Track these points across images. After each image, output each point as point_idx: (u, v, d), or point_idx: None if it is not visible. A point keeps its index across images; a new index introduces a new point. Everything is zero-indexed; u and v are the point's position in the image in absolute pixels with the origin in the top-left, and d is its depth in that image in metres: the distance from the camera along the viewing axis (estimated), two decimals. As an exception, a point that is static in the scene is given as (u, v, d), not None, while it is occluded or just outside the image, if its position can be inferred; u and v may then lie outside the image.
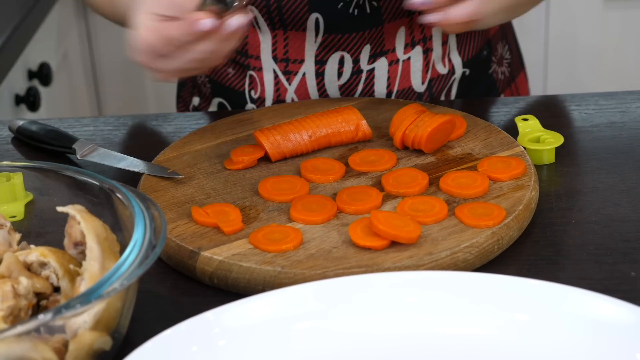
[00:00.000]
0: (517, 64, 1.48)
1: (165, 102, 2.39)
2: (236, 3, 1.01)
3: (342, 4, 1.24)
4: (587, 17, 2.39)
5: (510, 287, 0.83)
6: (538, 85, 2.45)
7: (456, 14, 1.07)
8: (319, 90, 1.30)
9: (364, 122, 1.13)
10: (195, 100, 1.43)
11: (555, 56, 2.43)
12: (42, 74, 1.90)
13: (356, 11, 1.25)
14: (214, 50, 1.05)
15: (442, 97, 1.34)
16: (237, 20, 1.02)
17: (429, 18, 1.09)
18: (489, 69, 1.39)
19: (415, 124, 1.09)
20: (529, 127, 1.15)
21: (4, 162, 1.00)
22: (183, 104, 1.47)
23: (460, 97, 1.36)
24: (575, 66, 2.44)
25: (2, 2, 1.83)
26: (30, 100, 1.80)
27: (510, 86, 1.44)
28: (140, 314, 0.89)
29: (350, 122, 1.12)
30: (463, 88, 1.36)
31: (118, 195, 0.89)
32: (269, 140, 1.10)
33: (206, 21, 1.01)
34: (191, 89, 1.44)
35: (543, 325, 0.80)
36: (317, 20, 1.25)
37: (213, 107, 1.39)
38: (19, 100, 1.80)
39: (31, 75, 1.89)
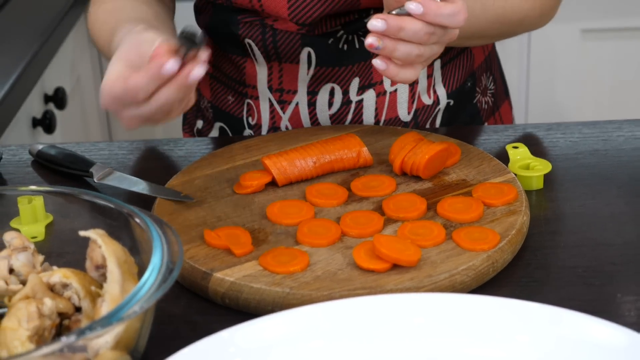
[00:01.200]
0: (502, 93, 1.47)
1: (172, 126, 2.37)
2: (202, 41, 0.97)
3: (332, 39, 1.24)
4: (566, 48, 2.39)
5: (510, 310, 0.82)
6: (520, 111, 2.45)
7: (404, 77, 1.04)
8: (311, 119, 1.29)
9: (365, 149, 1.12)
10: (199, 123, 1.43)
11: (536, 84, 2.43)
12: (58, 97, 1.89)
13: (345, 46, 1.25)
14: (176, 98, 0.99)
15: (427, 126, 1.33)
16: (198, 72, 0.96)
17: (377, 64, 1.03)
18: (473, 99, 1.39)
19: (414, 151, 1.09)
20: (519, 154, 1.14)
21: (31, 186, 0.99)
22: (188, 126, 1.47)
23: (445, 125, 1.35)
24: (555, 93, 2.44)
25: (22, 31, 1.82)
26: (46, 123, 1.79)
27: (494, 115, 1.43)
28: (156, 333, 0.88)
29: (352, 149, 1.12)
30: (447, 117, 1.35)
31: (136, 219, 0.88)
32: (276, 166, 1.09)
33: (170, 64, 0.95)
34: (195, 112, 1.44)
35: (543, 347, 0.79)
36: (309, 54, 1.25)
37: (215, 131, 1.38)
38: (35, 123, 1.79)
39: (47, 99, 1.88)
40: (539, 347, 0.79)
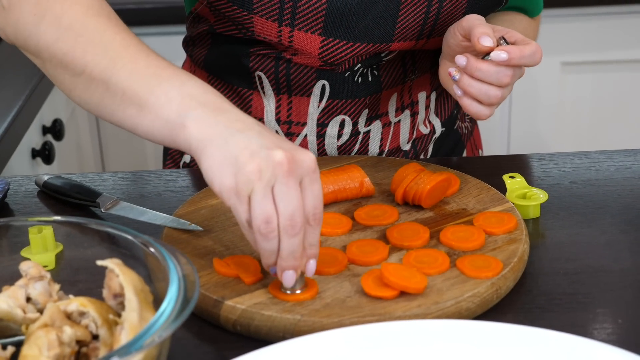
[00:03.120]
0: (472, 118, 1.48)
1: (160, 159, 2.37)
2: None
3: (348, 72, 1.24)
4: (547, 80, 2.41)
5: (526, 337, 0.82)
6: (503, 142, 2.45)
7: (477, 93, 1.10)
8: (318, 149, 1.29)
9: (367, 179, 1.12)
10: (187, 158, 1.39)
11: (517, 114, 2.44)
12: (55, 129, 1.88)
13: (360, 79, 1.24)
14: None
15: (422, 155, 1.34)
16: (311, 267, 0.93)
17: (451, 70, 1.11)
18: (454, 125, 1.39)
19: (415, 181, 1.09)
20: (516, 184, 1.15)
21: (55, 217, 0.97)
22: (172, 161, 1.42)
23: (435, 153, 1.37)
24: (536, 124, 2.45)
25: (21, 65, 1.82)
26: (45, 153, 1.79)
27: (469, 139, 1.44)
28: (170, 359, 0.87)
29: (355, 180, 1.12)
30: (437, 145, 1.36)
31: (151, 249, 0.88)
32: (281, 196, 1.09)
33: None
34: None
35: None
36: (323, 86, 1.24)
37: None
38: (35, 154, 1.78)
39: (45, 130, 1.87)
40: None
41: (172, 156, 1.42)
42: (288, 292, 0.93)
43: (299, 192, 0.86)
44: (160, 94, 0.92)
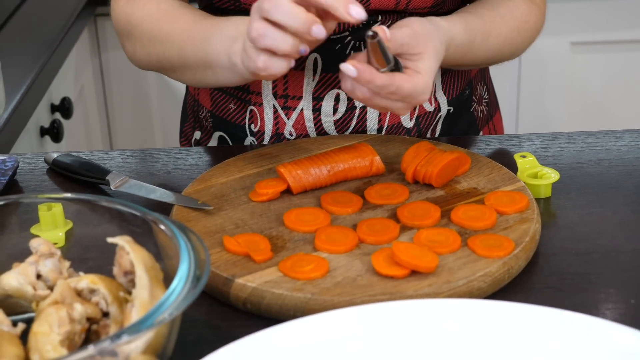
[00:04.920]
0: (494, 103, 1.47)
1: (171, 135, 2.37)
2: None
3: (339, 45, 1.23)
4: (556, 60, 2.39)
5: (540, 316, 0.81)
6: (511, 121, 2.44)
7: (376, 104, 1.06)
8: (315, 124, 1.28)
9: (377, 157, 1.11)
10: (197, 134, 1.41)
11: (526, 95, 2.43)
12: (64, 107, 1.87)
13: (352, 52, 1.24)
14: (286, 47, 1.01)
15: (429, 133, 1.33)
16: (319, 29, 1.00)
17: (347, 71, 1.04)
18: (470, 107, 1.38)
19: (426, 160, 1.08)
20: (528, 163, 1.14)
21: (65, 194, 0.97)
22: (185, 138, 1.45)
23: (445, 133, 1.35)
24: (545, 104, 2.44)
25: (30, 43, 1.81)
26: (54, 132, 1.78)
27: (488, 124, 1.43)
28: (180, 337, 0.86)
29: (365, 158, 1.11)
30: (447, 125, 1.35)
31: (161, 226, 0.87)
32: (292, 174, 1.08)
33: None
34: (193, 124, 1.42)
35: (574, 354, 0.78)
36: (315, 60, 1.24)
37: (214, 141, 1.37)
38: (43, 132, 1.78)
39: (54, 109, 1.86)
40: (571, 354, 0.78)
41: (186, 134, 1.44)
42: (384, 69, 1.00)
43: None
44: (212, 51, 1.11)
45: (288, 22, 0.98)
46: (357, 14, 0.99)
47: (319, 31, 0.99)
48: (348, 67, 1.02)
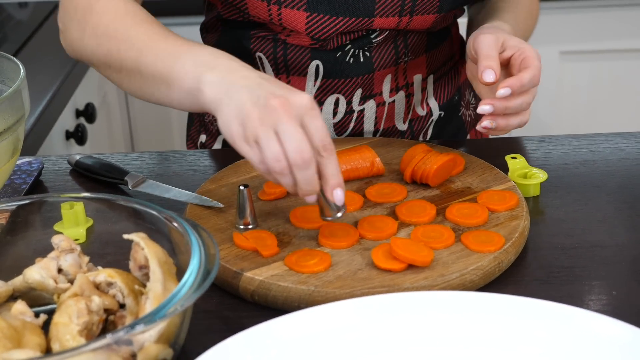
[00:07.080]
0: None
1: (183, 140, 2.36)
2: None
3: (340, 53, 1.23)
4: (546, 68, 2.38)
5: (528, 307, 0.81)
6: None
7: (511, 124, 1.07)
8: None
9: (378, 159, 1.11)
10: (203, 138, 1.39)
11: (519, 100, 2.42)
12: (88, 112, 1.87)
13: (351, 60, 1.23)
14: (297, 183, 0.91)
15: (421, 136, 1.32)
16: (339, 194, 0.91)
17: (485, 125, 1.06)
18: (459, 112, 1.38)
19: (423, 161, 1.07)
20: (518, 164, 1.13)
21: (86, 194, 0.97)
22: (191, 141, 1.43)
23: (435, 136, 1.35)
24: (535, 109, 2.43)
25: (56, 52, 1.81)
26: (78, 135, 1.78)
27: (475, 127, 1.42)
28: (192, 327, 0.86)
29: (366, 160, 1.10)
30: (438, 128, 1.35)
31: (174, 224, 0.87)
32: (297, 175, 1.07)
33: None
34: (198, 127, 1.41)
35: (560, 342, 0.77)
36: (317, 66, 1.23)
37: (218, 144, 1.36)
38: (68, 135, 1.78)
39: (78, 113, 1.86)
40: (556, 343, 0.78)
41: (192, 137, 1.43)
42: (329, 218, 0.93)
43: (300, 129, 0.88)
44: (179, 68, 0.96)
45: (303, 185, 0.90)
46: (339, 200, 0.91)
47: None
48: (502, 91, 1.04)
